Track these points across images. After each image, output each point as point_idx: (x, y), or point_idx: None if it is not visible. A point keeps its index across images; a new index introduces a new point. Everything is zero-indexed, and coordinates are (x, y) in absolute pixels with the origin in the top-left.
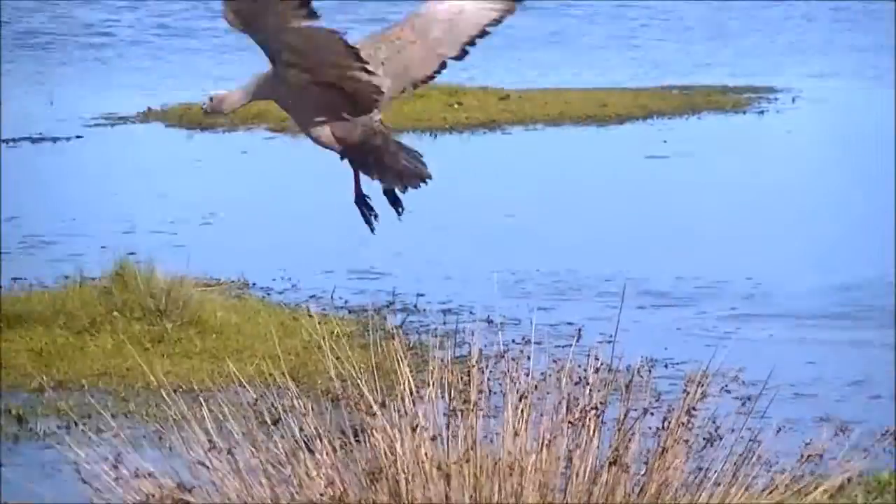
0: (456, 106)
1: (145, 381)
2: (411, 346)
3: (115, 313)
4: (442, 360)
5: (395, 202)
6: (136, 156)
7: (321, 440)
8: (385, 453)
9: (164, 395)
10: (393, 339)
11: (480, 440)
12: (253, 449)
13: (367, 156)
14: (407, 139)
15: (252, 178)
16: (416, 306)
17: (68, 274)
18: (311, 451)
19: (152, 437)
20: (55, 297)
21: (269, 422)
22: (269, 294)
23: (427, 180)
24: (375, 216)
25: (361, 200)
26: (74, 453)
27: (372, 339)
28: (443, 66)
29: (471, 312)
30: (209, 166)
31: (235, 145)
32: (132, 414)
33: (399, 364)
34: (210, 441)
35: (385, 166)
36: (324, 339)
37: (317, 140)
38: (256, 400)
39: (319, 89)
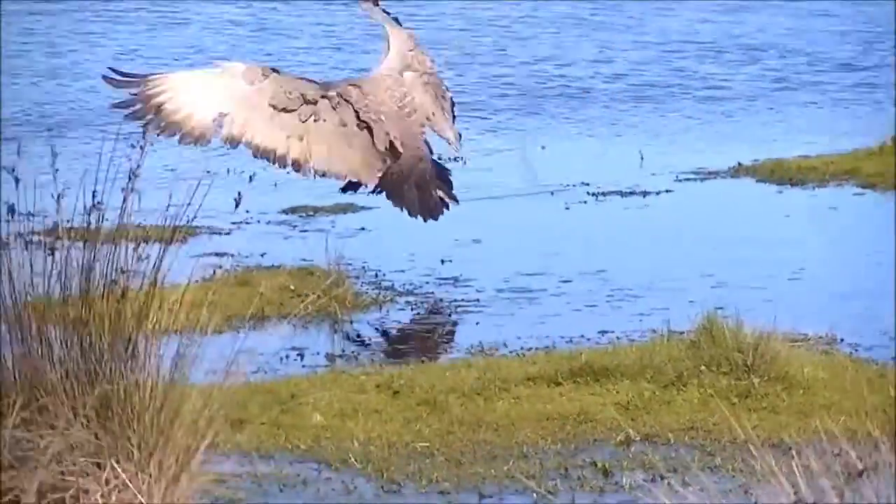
0: None
1: (731, 436)
2: None
3: (703, 368)
4: None
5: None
6: (724, 210)
7: None
8: None
9: (752, 450)
10: None
11: None
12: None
13: (405, 181)
14: None
15: (840, 234)
16: None
17: (655, 328)
18: None
19: (738, 491)
20: (642, 351)
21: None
22: (856, 350)
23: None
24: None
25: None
26: None
27: None
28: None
29: None
30: (798, 221)
31: (824, 201)
32: (718, 468)
33: None
34: (796, 493)
35: (412, 196)
36: None
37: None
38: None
39: None
